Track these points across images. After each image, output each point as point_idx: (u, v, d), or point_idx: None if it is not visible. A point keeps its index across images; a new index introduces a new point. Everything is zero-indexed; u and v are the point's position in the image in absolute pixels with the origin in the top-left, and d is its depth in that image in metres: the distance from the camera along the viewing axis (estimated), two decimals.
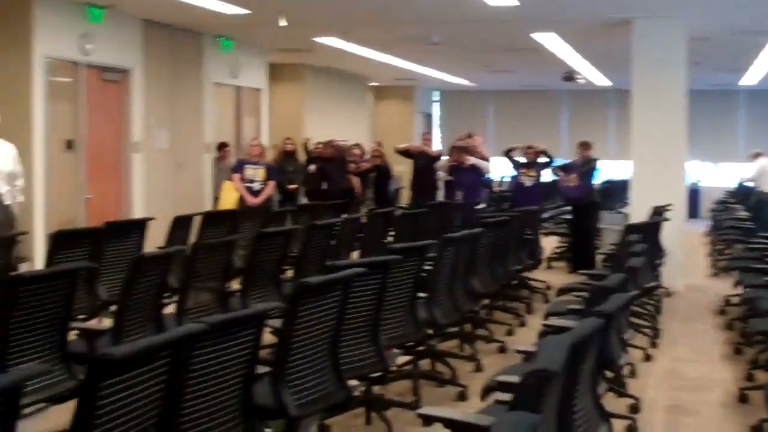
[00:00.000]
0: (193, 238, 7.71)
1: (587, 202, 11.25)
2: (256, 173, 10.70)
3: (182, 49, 11.91)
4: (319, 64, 16.24)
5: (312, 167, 13.43)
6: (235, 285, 6.21)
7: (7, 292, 3.84)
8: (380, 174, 13.46)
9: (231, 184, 10.89)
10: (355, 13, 10.75)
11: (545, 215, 12.49)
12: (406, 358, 5.71)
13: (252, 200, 10.56)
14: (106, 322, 5.93)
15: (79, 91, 9.88)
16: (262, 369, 3.48)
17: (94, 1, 9.74)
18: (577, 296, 5.68)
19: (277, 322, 3.96)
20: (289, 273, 6.69)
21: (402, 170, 15.34)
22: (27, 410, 3.77)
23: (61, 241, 5.83)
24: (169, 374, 2.76)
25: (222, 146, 12.52)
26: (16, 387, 2.23)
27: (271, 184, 10.83)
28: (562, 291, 7.05)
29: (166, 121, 11.59)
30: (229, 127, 13.31)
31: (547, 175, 12.58)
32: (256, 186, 10.68)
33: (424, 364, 6.05)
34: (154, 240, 7.16)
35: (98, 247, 6.09)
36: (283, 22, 10.57)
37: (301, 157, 13.92)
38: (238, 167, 10.86)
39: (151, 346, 2.63)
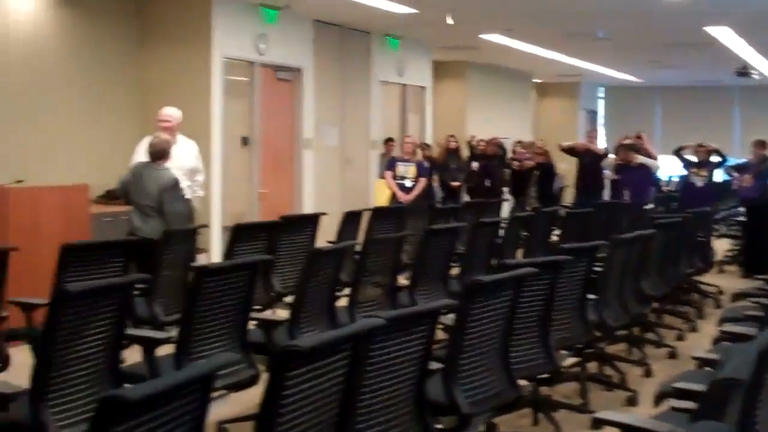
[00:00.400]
0: (362, 233, 7.88)
1: (763, 203, 10.80)
2: (407, 170, 10.81)
3: (351, 48, 12.16)
4: (483, 61, 16.22)
5: (475, 164, 13.44)
6: (402, 281, 6.30)
7: (194, 283, 4.05)
8: (544, 172, 13.33)
9: (383, 181, 11.04)
10: (520, 9, 10.70)
11: (717, 216, 12.08)
12: (574, 360, 5.65)
13: (403, 197, 10.67)
14: (280, 313, 6.15)
15: (254, 89, 10.24)
16: (434, 365, 3.54)
17: (269, 3, 10.07)
18: (755, 302, 5.48)
19: (446, 319, 4.02)
20: (455, 270, 6.73)
21: (566, 168, 15.14)
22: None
23: (239, 234, 6.07)
24: (349, 367, 2.84)
25: (388, 141, 12.72)
26: (211, 375, 2.36)
27: (423, 181, 10.90)
28: (738, 296, 6.81)
29: (334, 119, 11.86)
30: (394, 124, 13.50)
31: (718, 175, 12.16)
32: (408, 183, 10.78)
33: (592, 366, 5.98)
34: (324, 234, 7.35)
35: (273, 241, 6.30)
36: (449, 21, 10.64)
37: (465, 154, 13.94)
38: (390, 164, 10.98)
39: (335, 338, 2.72)
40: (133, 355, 4.43)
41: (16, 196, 6.76)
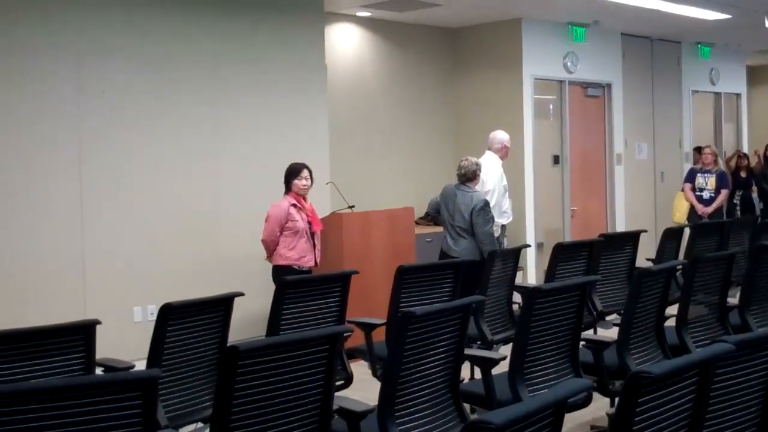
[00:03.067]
0: (682, 249, 7.65)
1: None
2: (706, 182, 10.32)
3: (660, 59, 11.86)
4: None
5: None
6: (730, 299, 6.04)
7: (526, 303, 4.13)
8: None
9: (682, 194, 10.59)
10: None
11: None
12: None
13: (702, 209, 10.20)
14: (602, 332, 6.11)
15: (564, 107, 10.26)
16: None
17: (578, 21, 10.06)
18: None
19: None
20: None
21: None
22: None
23: (560, 253, 6.09)
24: (696, 393, 2.79)
25: (699, 150, 12.23)
26: (566, 399, 2.42)
27: (724, 192, 10.36)
28: None
29: (645, 132, 11.60)
30: (707, 134, 12.97)
31: None
32: (706, 194, 10.29)
33: None
34: (643, 251, 7.20)
35: (594, 259, 6.27)
36: (767, 23, 10.08)
37: None
38: (689, 176, 10.54)
39: (684, 365, 2.68)
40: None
41: (349, 221, 7.21)
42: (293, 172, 6.65)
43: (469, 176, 6.96)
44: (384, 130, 9.52)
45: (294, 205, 6.58)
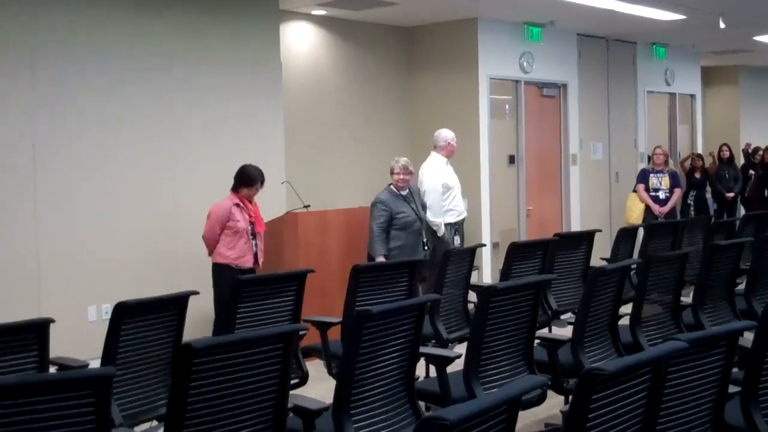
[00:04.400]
0: (636, 249, 7.73)
1: None
2: (660, 181, 10.44)
3: (616, 60, 11.97)
4: (756, 64, 15.43)
5: (752, 174, 12.80)
6: (684, 299, 6.11)
7: (481, 302, 4.14)
8: None
9: (636, 195, 10.69)
10: None
11: None
12: None
13: (659, 209, 10.32)
14: (556, 331, 6.15)
15: (519, 107, 10.31)
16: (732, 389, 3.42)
17: (534, 21, 10.12)
18: None
19: (743, 340, 3.86)
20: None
21: None
22: None
23: (515, 253, 6.13)
24: (649, 390, 2.82)
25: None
26: (520, 396, 2.43)
27: (678, 191, 10.50)
28: None
29: (600, 133, 11.71)
30: (662, 135, 13.12)
31: None
32: (662, 194, 10.41)
33: None
34: (597, 251, 7.26)
35: (548, 258, 6.31)
36: (722, 25, 10.22)
37: (739, 163, 13.32)
38: (642, 177, 10.64)
39: (637, 362, 2.70)
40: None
41: (305, 221, 7.19)
42: (246, 180, 6.59)
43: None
44: (340, 129, 9.51)
45: (237, 205, 6.56)
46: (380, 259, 6.97)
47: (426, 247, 7.39)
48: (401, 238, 7.13)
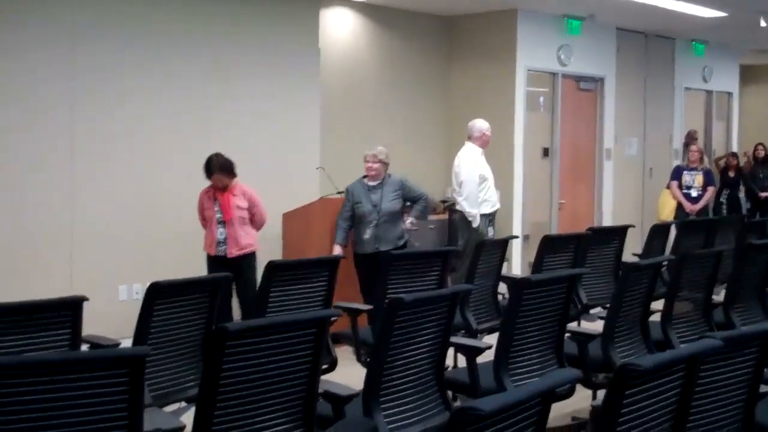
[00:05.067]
0: (668, 246, 7.68)
1: None
2: (693, 179, 10.35)
3: (654, 55, 11.87)
4: None
5: None
6: (715, 297, 6.07)
7: (513, 294, 4.14)
8: None
9: (669, 191, 10.61)
10: None
11: None
12: None
13: (690, 207, 10.24)
14: (585, 325, 6.12)
15: (556, 100, 10.26)
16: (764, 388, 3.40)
17: (574, 14, 10.05)
18: None
19: None
20: None
21: None
22: None
23: (547, 246, 6.11)
24: (682, 387, 2.81)
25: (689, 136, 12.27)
26: (554, 389, 2.43)
27: (711, 189, 10.41)
28: None
29: (636, 128, 11.63)
30: (698, 133, 13.00)
31: None
32: (694, 192, 10.32)
33: None
34: (629, 246, 7.23)
35: (580, 252, 6.29)
36: (763, 23, 10.11)
37: None
38: (676, 174, 10.56)
39: (673, 359, 2.70)
40: None
41: (338, 207, 7.12)
42: (204, 171, 6.56)
43: None
44: (376, 117, 9.50)
45: (207, 194, 6.61)
46: (335, 249, 6.79)
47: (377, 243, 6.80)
48: (357, 228, 6.90)
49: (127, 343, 4.08)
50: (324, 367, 4.63)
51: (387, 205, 6.84)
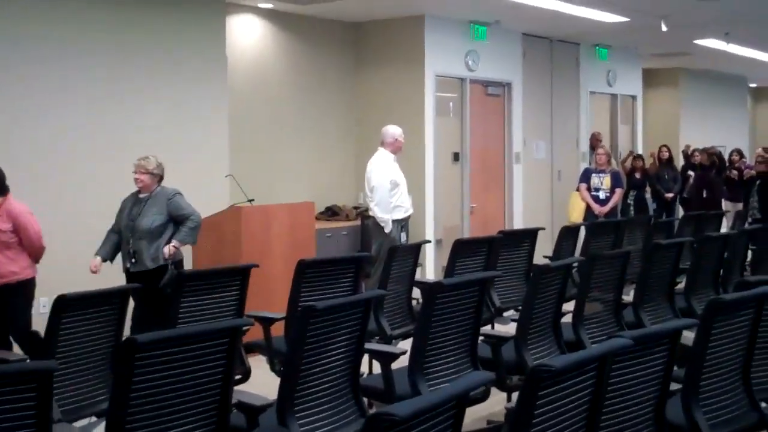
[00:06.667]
0: (578, 248, 7.80)
1: None
2: (601, 181, 10.52)
3: (559, 60, 12.08)
4: (696, 67, 15.71)
5: (691, 175, 13.02)
6: (625, 297, 6.17)
7: (426, 299, 4.14)
8: (766, 182, 12.70)
9: (578, 193, 10.78)
10: (741, 11, 10.29)
11: None
12: None
13: (599, 209, 10.40)
14: (499, 328, 6.18)
15: (464, 105, 10.35)
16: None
17: (479, 19, 10.16)
18: None
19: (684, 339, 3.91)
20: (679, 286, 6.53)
21: None
22: None
23: (459, 250, 6.14)
24: (594, 387, 2.84)
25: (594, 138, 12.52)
26: (468, 392, 2.43)
27: (618, 191, 10.60)
28: None
29: (543, 132, 11.81)
30: (604, 135, 13.27)
31: None
32: (602, 194, 10.49)
33: None
34: (539, 249, 7.32)
35: (492, 256, 6.34)
36: (664, 28, 10.37)
37: (679, 164, 13.54)
38: (584, 176, 10.72)
39: (583, 359, 2.72)
40: None
41: (249, 215, 7.12)
42: None
43: None
44: (285, 123, 9.44)
45: None
46: (92, 261, 6.16)
47: (132, 261, 6.15)
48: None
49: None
50: (237, 377, 4.58)
51: (143, 221, 6.11)
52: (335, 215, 9.50)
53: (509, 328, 5.31)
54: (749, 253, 7.53)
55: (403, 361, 4.14)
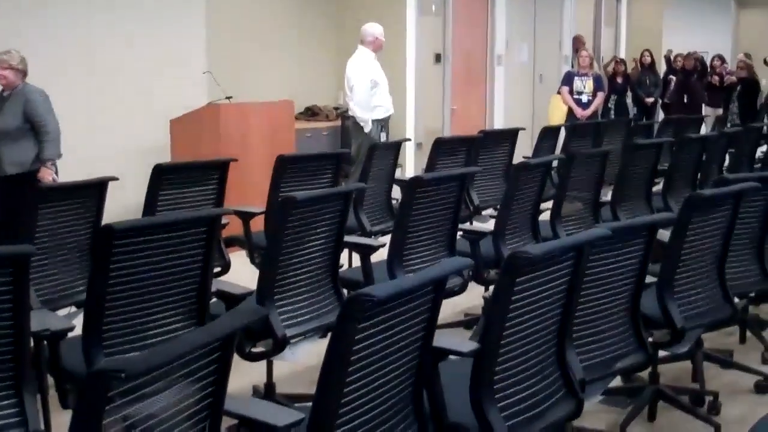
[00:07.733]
0: (558, 150, 7.81)
1: None
2: (584, 85, 10.44)
3: None
4: None
5: (673, 80, 12.99)
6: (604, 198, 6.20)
7: (406, 194, 4.14)
8: (746, 88, 12.71)
9: (560, 96, 10.71)
10: None
11: None
12: None
13: (581, 113, 10.33)
14: (477, 225, 6.21)
15: (447, 4, 10.20)
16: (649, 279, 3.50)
17: None
18: None
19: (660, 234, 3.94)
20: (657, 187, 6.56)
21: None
22: None
23: (439, 148, 6.13)
24: (571, 275, 2.85)
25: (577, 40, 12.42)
26: (446, 277, 2.44)
27: (600, 95, 10.52)
28: None
29: (526, 34, 11.68)
30: (587, 39, 13.14)
31: None
32: (585, 98, 10.41)
33: None
34: (519, 150, 7.31)
35: (472, 155, 6.34)
36: None
37: (661, 69, 13.49)
38: (567, 80, 10.61)
39: (561, 247, 2.74)
40: None
41: (226, 112, 7.05)
42: None
43: None
44: (265, 19, 9.26)
45: None
46: None
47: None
48: None
49: None
50: (217, 269, 4.58)
51: (3, 120, 5.72)
52: (315, 115, 9.42)
53: (488, 226, 5.34)
54: (727, 157, 7.56)
55: (382, 255, 4.16)
